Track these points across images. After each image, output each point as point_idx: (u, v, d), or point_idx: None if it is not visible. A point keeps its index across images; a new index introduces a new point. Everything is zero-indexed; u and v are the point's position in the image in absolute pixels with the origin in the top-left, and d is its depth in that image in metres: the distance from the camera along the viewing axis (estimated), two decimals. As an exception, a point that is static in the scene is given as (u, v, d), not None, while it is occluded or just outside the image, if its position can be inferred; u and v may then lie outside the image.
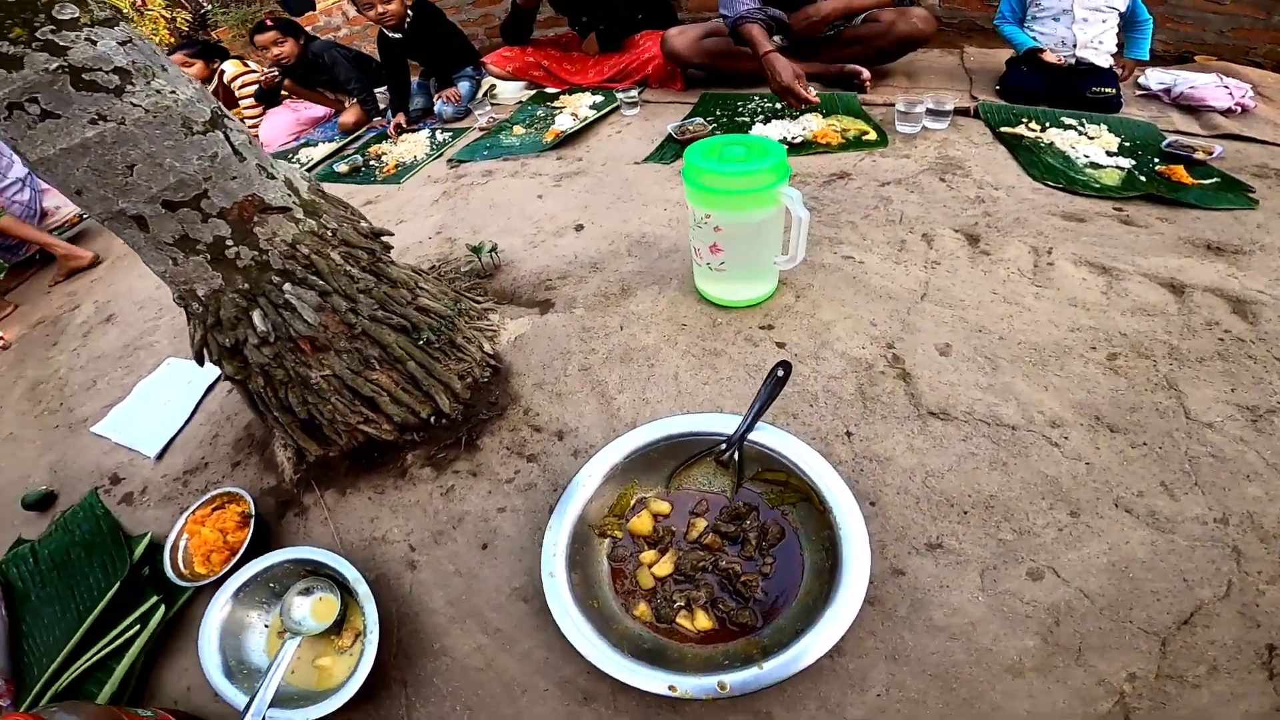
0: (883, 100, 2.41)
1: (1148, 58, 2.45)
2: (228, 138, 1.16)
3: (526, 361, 1.51)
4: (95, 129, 1.02)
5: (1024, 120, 2.21)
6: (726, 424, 1.13)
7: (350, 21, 5.23)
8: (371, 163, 3.07)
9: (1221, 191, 1.76)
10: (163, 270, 1.22)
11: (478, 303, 1.67)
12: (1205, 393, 1.18)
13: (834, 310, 1.45)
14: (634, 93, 2.76)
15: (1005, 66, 2.58)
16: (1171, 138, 2.04)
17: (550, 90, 3.30)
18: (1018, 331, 1.33)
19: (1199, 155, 1.93)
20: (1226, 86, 2.35)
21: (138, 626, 1.21)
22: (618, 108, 2.83)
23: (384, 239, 1.43)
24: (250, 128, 4.20)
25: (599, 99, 2.98)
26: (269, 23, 3.66)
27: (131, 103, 1.04)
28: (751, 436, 1.10)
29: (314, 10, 5.37)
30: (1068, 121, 2.19)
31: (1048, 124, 2.19)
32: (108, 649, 1.20)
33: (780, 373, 1.13)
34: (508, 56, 3.41)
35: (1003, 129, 2.16)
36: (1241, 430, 1.12)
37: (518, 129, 2.86)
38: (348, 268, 1.30)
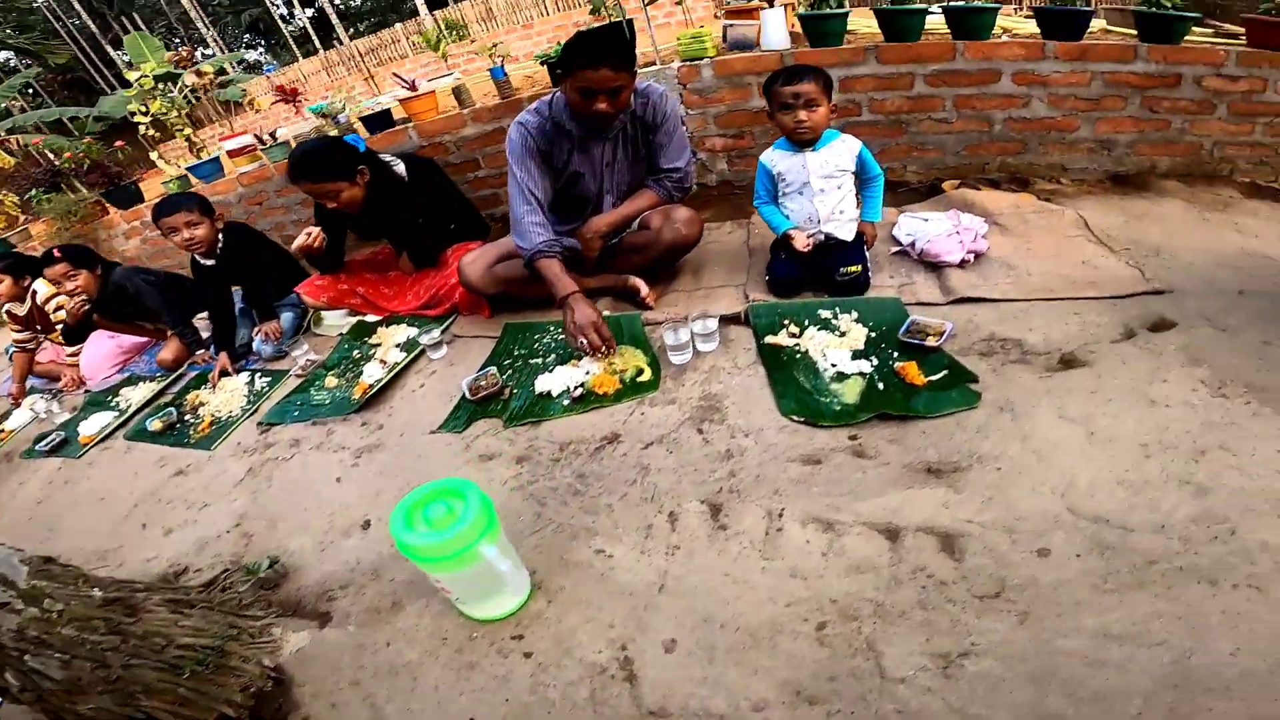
0: (664, 316, 2.51)
1: (879, 218, 2.46)
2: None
3: (306, 672, 1.56)
4: None
5: (785, 323, 2.29)
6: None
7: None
8: (187, 417, 2.97)
9: (948, 390, 1.88)
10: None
11: (258, 619, 1.72)
12: (901, 648, 1.28)
13: (579, 614, 1.52)
14: (435, 333, 2.76)
15: (769, 253, 2.57)
16: (909, 320, 2.14)
17: (370, 319, 3.26)
18: (740, 615, 1.42)
19: (930, 341, 2.04)
20: (959, 232, 2.44)
21: None
22: (424, 351, 2.80)
23: (126, 600, 1.49)
24: (69, 357, 3.91)
25: (413, 332, 2.99)
26: (56, 254, 3.34)
27: None
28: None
29: (142, 203, 5.24)
30: (824, 315, 2.29)
31: (806, 323, 2.28)
32: None
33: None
34: (321, 286, 3.31)
35: (766, 339, 2.25)
36: (931, 680, 1.21)
37: (331, 379, 2.82)
38: (85, 636, 1.36)
